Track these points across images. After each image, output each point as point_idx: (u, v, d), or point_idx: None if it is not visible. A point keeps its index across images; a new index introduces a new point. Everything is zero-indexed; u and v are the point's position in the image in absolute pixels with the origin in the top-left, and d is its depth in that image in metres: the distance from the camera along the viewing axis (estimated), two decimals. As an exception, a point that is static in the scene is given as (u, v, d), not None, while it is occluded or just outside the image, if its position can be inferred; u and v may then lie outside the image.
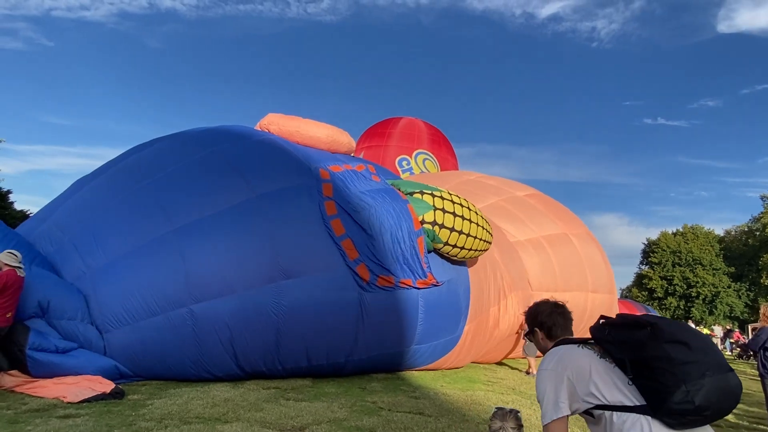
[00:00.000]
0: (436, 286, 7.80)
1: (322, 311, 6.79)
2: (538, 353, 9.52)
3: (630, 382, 1.85)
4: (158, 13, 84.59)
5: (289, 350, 6.74)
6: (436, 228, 7.91)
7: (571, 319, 2.24)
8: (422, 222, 7.88)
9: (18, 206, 28.60)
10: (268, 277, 6.57)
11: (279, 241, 6.79)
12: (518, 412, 2.37)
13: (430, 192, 8.26)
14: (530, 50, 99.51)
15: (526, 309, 2.39)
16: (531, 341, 2.34)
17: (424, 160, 22.10)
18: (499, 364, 11.31)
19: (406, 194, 8.20)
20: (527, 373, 10.05)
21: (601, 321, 2.03)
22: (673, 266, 45.42)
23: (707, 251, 44.98)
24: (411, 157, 21.90)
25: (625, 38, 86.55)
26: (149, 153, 7.94)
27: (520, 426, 2.35)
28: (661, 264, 46.04)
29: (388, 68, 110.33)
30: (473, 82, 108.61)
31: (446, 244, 8.03)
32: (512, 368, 10.82)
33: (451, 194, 8.45)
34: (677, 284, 44.67)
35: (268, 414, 5.14)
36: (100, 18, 76.42)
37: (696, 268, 44.37)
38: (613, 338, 1.92)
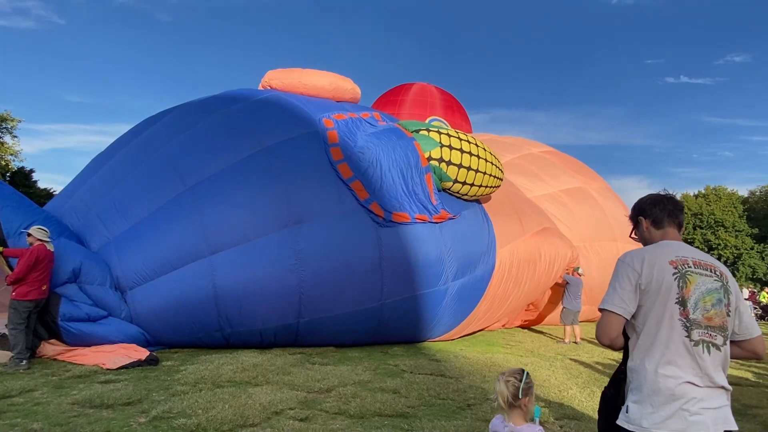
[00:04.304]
0: (452, 219, 7.83)
1: (340, 253, 6.91)
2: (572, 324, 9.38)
3: None
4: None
5: (315, 296, 6.78)
6: (443, 165, 7.87)
7: (681, 209, 2.11)
8: (429, 158, 7.86)
9: (41, 185, 29.42)
10: (281, 223, 6.76)
11: (289, 188, 6.96)
12: (525, 371, 2.22)
13: (436, 129, 8.26)
14: (546, 9, 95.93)
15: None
16: (635, 238, 2.19)
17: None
18: (519, 327, 11.45)
19: (411, 132, 8.17)
20: (562, 341, 9.46)
21: None
22: (694, 228, 44.71)
23: (730, 213, 44.06)
24: (424, 125, 21.62)
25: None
26: (160, 126, 8.14)
27: (527, 384, 2.18)
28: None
29: (397, 32, 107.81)
30: (486, 45, 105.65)
31: (455, 181, 7.99)
32: (530, 332, 10.96)
33: (457, 132, 8.41)
34: (698, 247, 44.04)
35: (295, 377, 5.36)
36: (109, -8, 75.60)
37: (718, 230, 43.62)
38: None
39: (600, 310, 1.98)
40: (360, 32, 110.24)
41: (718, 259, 45.97)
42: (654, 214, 2.09)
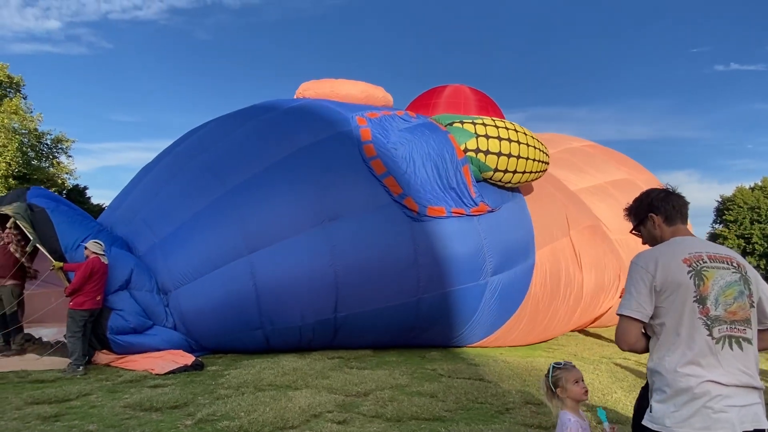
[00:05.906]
0: (491, 212, 7.67)
1: (374, 248, 6.95)
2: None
3: None
4: (204, 5, 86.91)
5: (351, 290, 6.84)
6: (481, 155, 7.69)
7: (688, 204, 2.07)
8: (465, 150, 7.72)
9: (94, 200, 31.12)
10: (316, 220, 6.90)
11: (323, 186, 7.10)
12: (551, 366, 2.32)
13: (470, 120, 8.08)
14: (581, 1, 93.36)
15: (627, 206, 2.19)
16: (640, 235, 2.13)
17: (473, 128, 21.62)
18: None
19: (445, 126, 8.07)
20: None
21: None
22: (752, 223, 42.10)
23: (791, 205, 41.25)
24: (459, 126, 21.50)
25: (689, -23, 79.00)
26: (200, 135, 8.53)
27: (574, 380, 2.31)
28: (737, 222, 42.79)
29: (429, 35, 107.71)
30: (521, 41, 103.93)
31: (496, 170, 7.75)
32: (574, 335, 10.63)
33: (494, 119, 8.18)
34: (756, 242, 41.46)
35: (334, 381, 5.44)
36: (152, 16, 79.58)
37: (778, 224, 40.91)
38: None
39: (618, 315, 1.93)
40: (392, 39, 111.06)
41: (780, 255, 42.94)
42: (667, 211, 2.04)
